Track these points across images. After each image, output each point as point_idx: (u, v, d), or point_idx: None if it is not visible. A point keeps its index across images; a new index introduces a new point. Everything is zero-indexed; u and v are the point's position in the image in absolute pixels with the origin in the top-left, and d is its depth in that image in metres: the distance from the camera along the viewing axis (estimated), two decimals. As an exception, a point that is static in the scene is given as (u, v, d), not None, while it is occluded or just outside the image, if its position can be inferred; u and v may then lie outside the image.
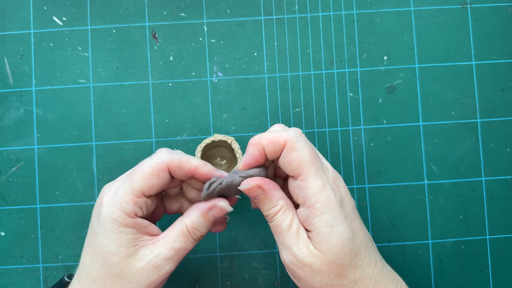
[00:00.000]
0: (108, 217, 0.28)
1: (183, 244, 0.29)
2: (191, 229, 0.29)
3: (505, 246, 0.40)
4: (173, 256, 0.29)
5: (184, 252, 0.29)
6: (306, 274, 0.28)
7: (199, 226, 0.29)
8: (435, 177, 0.40)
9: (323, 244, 0.27)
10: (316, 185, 0.27)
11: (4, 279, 0.39)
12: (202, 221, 0.29)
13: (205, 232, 0.30)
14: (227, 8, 0.40)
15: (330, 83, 0.40)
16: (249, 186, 0.28)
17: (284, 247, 0.28)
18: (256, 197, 0.29)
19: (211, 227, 0.30)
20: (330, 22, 0.40)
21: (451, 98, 0.40)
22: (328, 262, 0.27)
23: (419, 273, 0.40)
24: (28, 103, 0.40)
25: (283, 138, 0.28)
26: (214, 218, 0.30)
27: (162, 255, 0.28)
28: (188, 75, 0.40)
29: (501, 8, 0.41)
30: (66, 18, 0.40)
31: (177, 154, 0.29)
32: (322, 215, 0.27)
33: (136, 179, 0.28)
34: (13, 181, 0.39)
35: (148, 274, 0.28)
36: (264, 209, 0.29)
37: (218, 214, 0.30)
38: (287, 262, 0.28)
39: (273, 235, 0.29)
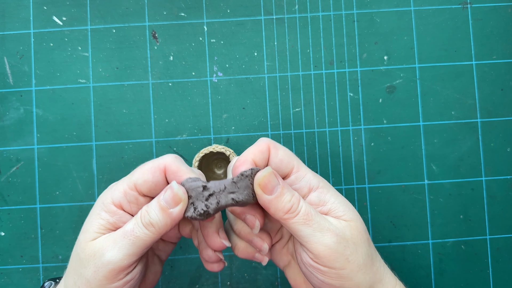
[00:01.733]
0: (98, 200, 0.29)
1: (131, 226, 0.27)
2: (143, 211, 0.27)
3: (505, 246, 0.40)
4: (119, 239, 0.27)
5: (131, 236, 0.27)
6: (351, 250, 0.27)
7: (150, 208, 0.27)
8: (435, 177, 0.40)
9: (346, 213, 0.28)
10: (310, 171, 0.30)
11: (4, 279, 0.39)
12: (154, 204, 0.27)
13: (156, 220, 0.27)
14: (227, 8, 0.40)
15: (330, 83, 0.40)
16: (266, 173, 0.27)
17: (323, 230, 0.27)
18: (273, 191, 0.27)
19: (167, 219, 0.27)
20: (330, 22, 0.40)
21: (451, 98, 0.40)
22: (359, 228, 0.28)
23: (419, 273, 0.40)
24: (28, 103, 0.40)
25: (265, 143, 0.30)
26: (165, 202, 0.27)
27: (111, 238, 0.27)
28: (188, 75, 0.40)
29: (501, 8, 0.41)
30: (66, 18, 0.40)
31: (181, 163, 0.29)
32: (330, 190, 0.29)
33: (135, 173, 0.29)
34: (13, 181, 0.39)
35: (96, 259, 0.26)
36: (285, 204, 0.27)
37: (168, 196, 0.27)
38: (332, 244, 0.27)
39: (302, 232, 0.27)
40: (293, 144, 0.40)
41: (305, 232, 0.27)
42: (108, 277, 0.26)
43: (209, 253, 0.31)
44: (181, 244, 0.40)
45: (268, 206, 0.27)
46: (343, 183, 0.40)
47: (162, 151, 0.40)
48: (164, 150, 0.40)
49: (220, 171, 0.40)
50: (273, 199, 0.27)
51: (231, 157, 0.37)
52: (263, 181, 0.27)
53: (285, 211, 0.27)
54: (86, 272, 0.27)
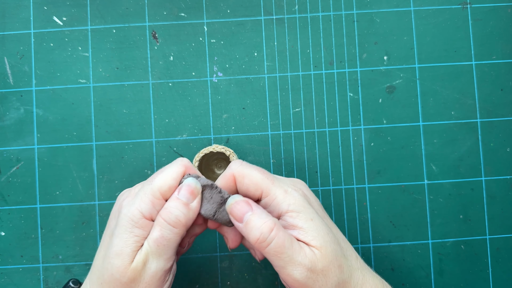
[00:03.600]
0: (125, 216, 0.28)
1: (159, 233, 0.27)
2: (164, 214, 0.28)
3: (505, 246, 0.40)
4: (155, 249, 0.27)
5: (164, 242, 0.27)
6: (320, 283, 0.27)
7: (172, 209, 0.28)
8: (435, 177, 0.40)
9: (316, 239, 0.27)
10: (280, 192, 0.29)
11: (4, 279, 0.39)
12: (174, 203, 0.28)
13: (182, 216, 0.28)
14: (227, 8, 0.40)
15: (330, 83, 0.40)
16: (233, 201, 0.28)
17: (294, 264, 0.27)
18: (242, 217, 0.28)
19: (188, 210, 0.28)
20: (330, 22, 0.40)
21: (451, 98, 0.40)
22: (330, 256, 0.27)
23: (419, 273, 0.40)
24: (28, 103, 0.40)
25: (229, 173, 0.30)
26: (185, 198, 0.28)
27: (146, 252, 0.27)
28: (188, 75, 0.40)
29: (501, 8, 0.41)
30: (66, 18, 0.40)
31: (195, 169, 0.30)
32: (300, 213, 0.28)
33: (155, 180, 0.29)
34: (13, 181, 0.39)
35: (143, 276, 0.27)
36: (254, 233, 0.27)
37: (187, 192, 0.28)
38: (302, 279, 0.27)
39: (273, 263, 0.27)
40: (293, 144, 0.40)
41: (276, 263, 0.27)
42: (159, 285, 0.28)
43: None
44: (181, 244, 0.40)
45: (241, 232, 0.28)
46: (343, 183, 0.40)
47: (162, 151, 0.40)
48: (164, 150, 0.40)
49: (220, 171, 0.40)
50: (242, 227, 0.28)
51: (231, 157, 0.37)
52: (231, 208, 0.28)
53: (255, 240, 0.27)
54: None
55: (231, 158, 0.37)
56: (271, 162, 0.40)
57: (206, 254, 0.40)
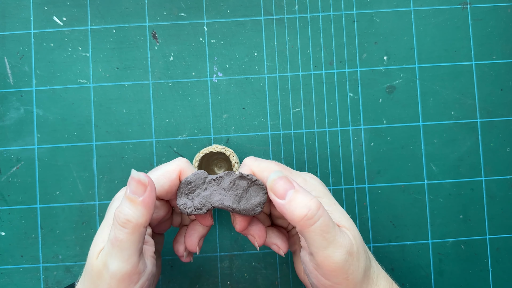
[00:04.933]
0: (113, 209, 0.28)
1: (112, 233, 0.26)
2: (115, 213, 0.26)
3: (505, 246, 0.40)
4: (111, 250, 0.26)
5: (117, 242, 0.25)
6: (354, 267, 0.26)
7: (121, 207, 0.26)
8: (435, 177, 0.40)
9: (344, 221, 0.28)
10: (299, 181, 0.29)
11: (4, 279, 0.39)
12: (124, 201, 0.26)
13: (131, 214, 0.26)
14: (227, 8, 0.40)
15: (330, 83, 0.40)
16: (276, 176, 0.26)
17: (336, 246, 0.26)
18: (285, 194, 0.26)
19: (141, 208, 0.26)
20: (330, 22, 0.40)
21: (451, 98, 0.40)
22: (358, 239, 0.27)
23: (419, 273, 0.40)
24: (28, 103, 0.40)
25: (247, 170, 0.29)
26: (132, 193, 0.26)
27: (105, 252, 0.26)
28: (188, 75, 0.40)
29: (501, 8, 0.41)
30: (66, 18, 0.40)
31: (193, 168, 0.30)
32: (323, 198, 0.29)
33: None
34: (13, 181, 0.39)
35: (104, 275, 0.26)
36: (300, 210, 0.25)
37: (133, 186, 0.26)
38: (341, 261, 0.26)
39: (315, 243, 0.26)
40: (293, 144, 0.40)
41: (319, 243, 0.26)
42: (124, 287, 0.26)
43: (180, 248, 0.32)
44: (181, 244, 0.40)
45: (283, 211, 0.26)
46: (343, 183, 0.40)
47: (162, 151, 0.40)
48: (164, 150, 0.40)
49: (220, 171, 0.40)
50: (285, 203, 0.26)
51: (231, 157, 0.37)
52: (273, 184, 0.26)
53: (301, 217, 0.25)
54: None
55: (231, 158, 0.37)
56: (271, 162, 0.40)
57: (206, 254, 0.40)
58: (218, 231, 0.40)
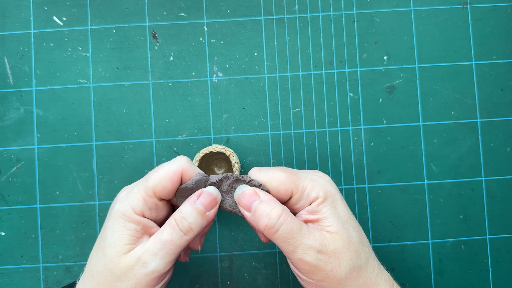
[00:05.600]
0: (118, 211, 0.28)
1: (169, 236, 0.27)
2: (178, 218, 0.28)
3: (505, 246, 0.40)
4: (159, 250, 0.27)
5: (170, 246, 0.27)
6: (333, 265, 0.27)
7: (187, 215, 0.28)
8: (435, 177, 0.40)
9: (334, 225, 0.28)
10: (307, 182, 0.29)
11: (4, 279, 0.39)
12: (190, 210, 0.28)
13: (195, 224, 0.28)
14: (227, 8, 0.40)
15: (330, 83, 0.40)
16: (240, 191, 0.29)
17: (304, 248, 0.27)
18: (250, 206, 0.28)
19: (203, 219, 0.28)
20: (330, 22, 0.40)
21: (451, 98, 0.40)
22: (346, 240, 0.28)
23: (419, 273, 0.40)
24: (28, 103, 0.40)
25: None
26: (202, 205, 0.28)
27: (150, 250, 0.27)
28: (188, 75, 0.40)
29: (501, 8, 0.41)
30: (66, 18, 0.40)
31: (194, 166, 0.30)
32: (326, 199, 0.29)
33: (151, 179, 0.29)
34: (13, 181, 0.39)
35: (136, 271, 0.27)
36: (262, 220, 0.28)
37: (206, 200, 0.28)
38: (313, 261, 0.27)
39: (283, 249, 0.28)
40: (293, 144, 0.40)
41: (286, 249, 0.27)
42: (151, 285, 0.27)
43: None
44: (181, 244, 0.40)
45: (250, 222, 0.29)
46: (343, 183, 0.40)
47: (162, 151, 0.40)
48: (164, 150, 0.40)
49: (220, 171, 0.40)
50: (250, 216, 0.28)
51: (231, 157, 0.37)
52: (238, 199, 0.29)
53: (262, 227, 0.27)
54: (124, 285, 0.27)
55: (231, 158, 0.37)
56: (271, 162, 0.40)
57: (206, 254, 0.40)
58: (218, 231, 0.40)
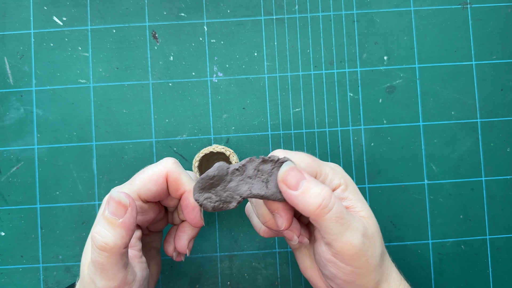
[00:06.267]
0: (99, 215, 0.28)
1: (93, 256, 0.25)
2: (93, 234, 0.25)
3: (505, 246, 0.40)
4: (96, 270, 0.25)
5: (98, 266, 0.25)
6: (372, 250, 0.27)
7: (101, 229, 0.25)
8: (435, 177, 0.40)
9: (364, 210, 0.28)
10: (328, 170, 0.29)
11: (4, 279, 0.39)
12: (101, 221, 0.25)
13: (108, 237, 0.24)
14: (227, 8, 0.40)
15: (330, 83, 0.40)
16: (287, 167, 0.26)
17: (353, 230, 0.26)
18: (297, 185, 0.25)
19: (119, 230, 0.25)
20: (330, 22, 0.40)
21: (451, 98, 0.40)
22: (375, 226, 0.28)
23: (419, 273, 0.40)
24: (28, 103, 0.40)
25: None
26: (111, 213, 0.25)
27: (90, 269, 0.26)
28: (188, 75, 0.40)
29: (501, 8, 0.41)
30: (66, 18, 0.40)
31: (181, 169, 0.29)
32: (349, 186, 0.29)
33: (136, 182, 0.28)
34: (13, 181, 0.39)
35: (89, 285, 0.26)
36: (314, 199, 0.25)
37: (112, 206, 0.25)
38: (359, 244, 0.26)
39: (331, 231, 0.26)
40: (293, 144, 0.40)
41: (336, 230, 0.26)
42: None
43: (169, 248, 0.32)
44: (181, 244, 0.40)
45: (296, 202, 0.25)
46: (343, 183, 0.40)
47: (162, 151, 0.40)
48: (164, 150, 0.40)
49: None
50: (299, 194, 0.25)
51: (231, 157, 0.37)
52: (285, 176, 0.25)
53: (316, 206, 0.25)
54: None
55: (231, 158, 0.37)
56: (271, 162, 0.40)
57: (206, 254, 0.40)
58: (218, 231, 0.40)
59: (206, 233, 0.40)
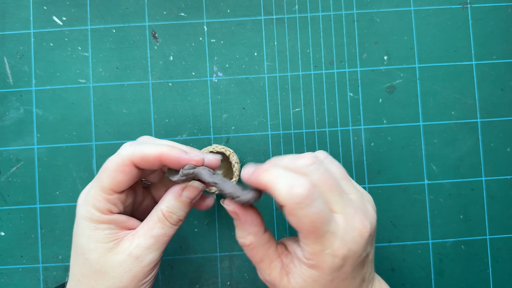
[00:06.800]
0: (83, 216, 0.28)
1: (161, 230, 0.28)
2: (167, 214, 0.29)
3: (505, 246, 0.40)
4: (153, 244, 0.28)
5: (163, 238, 0.29)
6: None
7: (175, 209, 0.29)
8: (435, 177, 0.40)
9: None
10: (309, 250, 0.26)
11: (4, 279, 0.39)
12: (177, 203, 0.29)
13: (183, 215, 0.29)
14: (227, 8, 0.40)
15: (330, 83, 0.40)
16: (228, 208, 0.28)
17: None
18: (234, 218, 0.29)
19: (189, 208, 0.30)
20: (330, 22, 0.40)
21: (451, 98, 0.40)
22: None
23: (419, 273, 0.40)
24: (28, 103, 0.40)
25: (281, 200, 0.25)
26: (188, 198, 0.29)
27: (142, 245, 0.28)
28: (188, 75, 0.40)
29: (501, 8, 0.41)
30: (66, 18, 0.40)
31: (139, 145, 0.28)
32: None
33: (103, 177, 0.28)
34: (13, 181, 0.39)
35: (130, 266, 0.27)
36: (237, 236, 0.29)
37: (192, 194, 0.29)
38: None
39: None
40: (293, 144, 0.40)
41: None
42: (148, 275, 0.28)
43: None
44: (181, 244, 0.40)
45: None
46: (343, 183, 0.40)
47: (162, 151, 0.40)
48: (164, 150, 0.40)
49: (220, 171, 0.40)
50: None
51: (231, 157, 0.37)
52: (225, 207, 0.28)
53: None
54: (119, 281, 0.27)
55: (231, 158, 0.37)
56: (271, 162, 0.40)
57: (206, 254, 0.40)
58: (218, 231, 0.40)
59: (206, 233, 0.40)
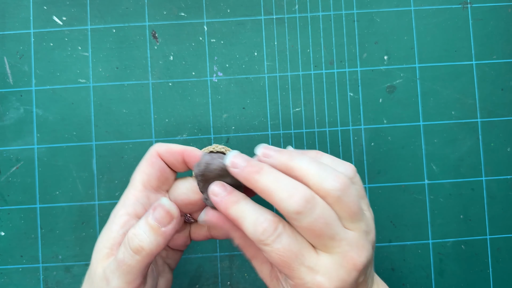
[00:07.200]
0: (111, 214, 0.28)
1: (121, 255, 0.25)
2: (129, 235, 0.25)
3: (505, 246, 0.40)
4: (116, 269, 0.25)
5: (123, 266, 0.24)
6: None
7: (138, 231, 0.25)
8: (435, 177, 0.40)
9: None
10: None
11: (4, 279, 0.39)
12: (143, 225, 0.25)
13: (147, 242, 0.25)
14: (227, 8, 0.40)
15: (330, 82, 0.40)
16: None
17: None
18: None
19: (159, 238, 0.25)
20: (331, 22, 0.40)
21: (451, 98, 0.40)
22: None
23: (419, 273, 0.40)
24: (28, 103, 0.40)
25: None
26: (156, 220, 0.25)
27: (110, 267, 0.25)
28: (188, 75, 0.40)
29: (501, 8, 0.41)
30: (66, 18, 0.40)
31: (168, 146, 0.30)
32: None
33: (134, 175, 0.29)
34: (13, 181, 0.39)
35: (100, 284, 0.25)
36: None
37: (159, 214, 0.25)
38: None
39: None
40: (293, 144, 0.40)
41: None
42: None
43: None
44: (181, 244, 0.40)
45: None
46: (343, 183, 0.40)
47: (162, 151, 0.40)
48: (164, 150, 0.40)
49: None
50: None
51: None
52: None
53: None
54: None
55: None
56: (271, 162, 0.40)
57: (206, 254, 0.40)
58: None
59: (206, 233, 0.40)
